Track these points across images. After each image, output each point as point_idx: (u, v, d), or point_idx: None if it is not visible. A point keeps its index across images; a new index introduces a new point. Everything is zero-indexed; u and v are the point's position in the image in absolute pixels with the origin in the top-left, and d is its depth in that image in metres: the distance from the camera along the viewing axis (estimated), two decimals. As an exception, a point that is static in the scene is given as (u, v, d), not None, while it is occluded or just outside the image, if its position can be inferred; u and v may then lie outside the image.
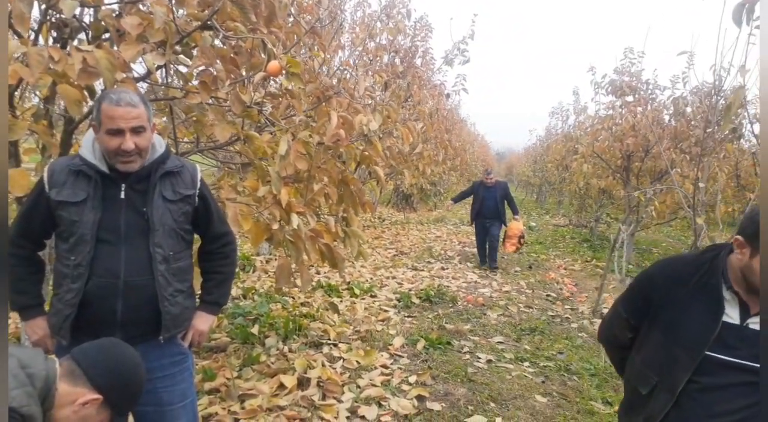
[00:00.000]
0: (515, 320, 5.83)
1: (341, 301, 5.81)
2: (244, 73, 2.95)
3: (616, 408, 3.79)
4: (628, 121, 9.48)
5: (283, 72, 2.62)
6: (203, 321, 2.08)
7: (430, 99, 10.19)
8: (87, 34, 3.13)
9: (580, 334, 5.54)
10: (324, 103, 3.75)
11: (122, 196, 1.83)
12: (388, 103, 8.06)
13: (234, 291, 5.85)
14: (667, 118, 9.78)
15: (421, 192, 15.32)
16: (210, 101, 3.12)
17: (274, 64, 2.54)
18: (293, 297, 5.77)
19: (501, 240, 8.80)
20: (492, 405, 3.68)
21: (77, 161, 1.82)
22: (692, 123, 9.31)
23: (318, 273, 7.15)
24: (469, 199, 9.25)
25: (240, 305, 5.17)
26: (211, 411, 3.17)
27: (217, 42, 3.10)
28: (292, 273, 3.37)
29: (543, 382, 4.19)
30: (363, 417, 3.31)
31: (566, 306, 6.77)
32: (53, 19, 3.13)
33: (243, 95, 2.68)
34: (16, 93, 3.14)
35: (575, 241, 13.33)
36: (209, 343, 4.27)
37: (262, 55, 2.82)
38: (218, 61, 2.98)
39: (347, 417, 3.29)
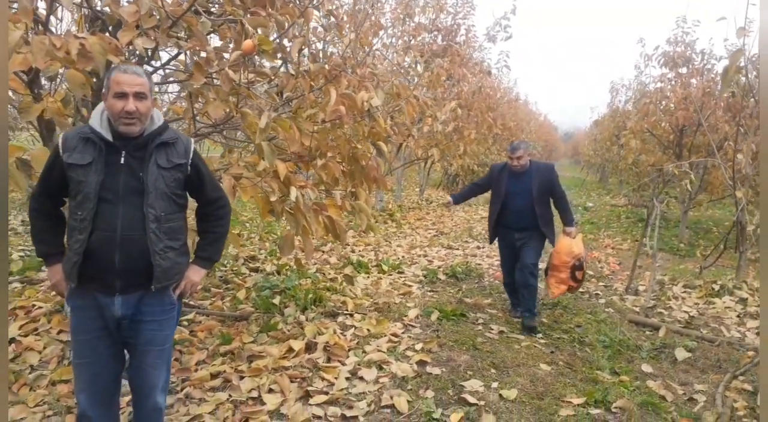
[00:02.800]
0: (540, 295, 5.82)
1: (368, 277, 6.01)
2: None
3: (623, 377, 3.81)
4: (678, 93, 9.10)
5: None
6: (196, 273, 2.36)
7: (471, 77, 10.14)
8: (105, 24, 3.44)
9: (606, 310, 5.49)
10: (331, 82, 3.90)
11: (122, 161, 2.10)
12: (425, 82, 8.11)
13: (269, 267, 6.16)
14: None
15: (471, 173, 15.24)
16: (216, 82, 3.36)
17: (247, 43, 2.72)
18: (323, 274, 6.02)
19: (544, 271, 5.09)
20: (492, 371, 3.77)
21: (86, 129, 2.11)
22: (752, 93, 8.82)
23: (353, 251, 7.37)
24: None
25: (270, 279, 5.47)
26: (220, 369, 3.44)
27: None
28: (295, 244, 3.57)
29: (552, 352, 4.23)
30: (362, 377, 3.49)
31: (601, 284, 6.67)
32: (86, 12, 3.47)
33: (233, 73, 2.88)
34: (48, 82, 3.49)
35: (630, 221, 12.94)
36: (234, 313, 4.57)
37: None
38: (228, 41, 3.21)
39: (347, 378, 3.48)
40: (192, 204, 2.45)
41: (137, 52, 3.05)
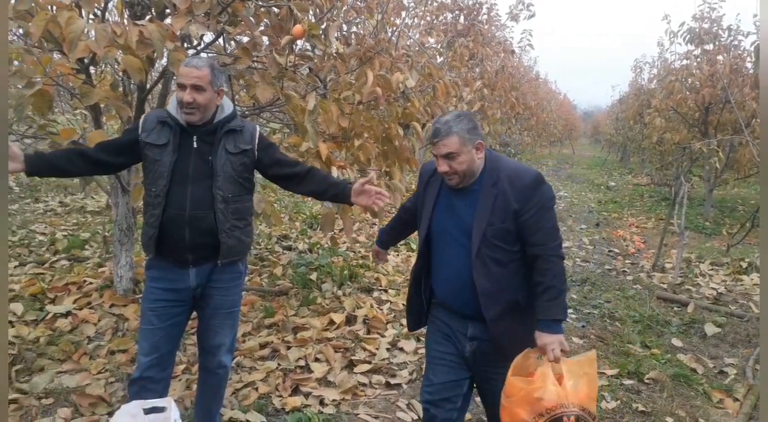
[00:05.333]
0: (568, 272, 5.92)
1: (398, 255, 6.14)
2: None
3: (654, 350, 3.91)
4: (705, 71, 9.02)
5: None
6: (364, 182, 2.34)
7: (494, 56, 10.11)
8: (151, 10, 3.57)
9: (634, 286, 5.57)
10: (365, 64, 4.00)
11: (195, 145, 2.25)
12: (449, 62, 8.15)
13: (300, 246, 6.33)
14: (749, 65, 9.20)
15: (492, 153, 15.24)
16: (258, 66, 3.48)
17: (298, 28, 2.83)
18: (354, 252, 6.16)
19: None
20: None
21: (164, 114, 2.26)
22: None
23: (380, 230, 7.49)
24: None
25: (304, 257, 5.63)
26: (267, 340, 3.62)
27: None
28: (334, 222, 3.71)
29: (583, 327, 4.34)
30: (402, 348, 3.65)
31: (627, 261, 6.74)
32: (125, -1, 3.59)
33: (280, 58, 2.99)
34: (93, 67, 3.64)
35: (653, 200, 12.90)
36: (273, 288, 4.74)
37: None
38: (261, 27, 3.32)
39: (387, 349, 3.64)
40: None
41: (189, 37, 3.16)
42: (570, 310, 4.69)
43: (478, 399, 2.67)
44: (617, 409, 3.15)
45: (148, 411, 2.03)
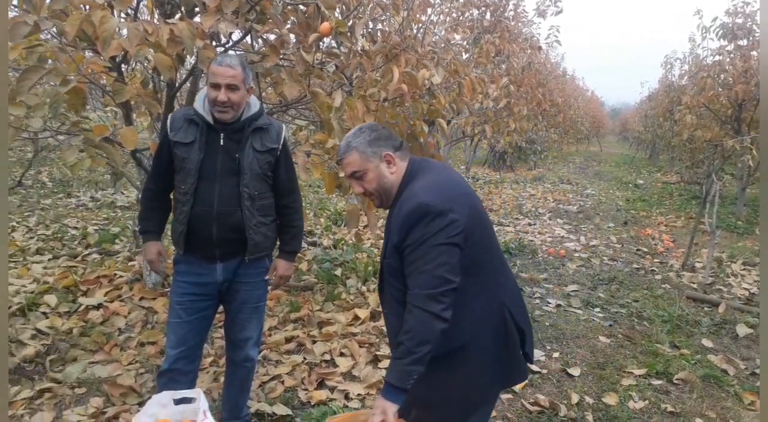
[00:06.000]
0: (595, 271, 5.85)
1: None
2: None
3: (683, 351, 3.85)
4: (738, 67, 8.80)
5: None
6: (287, 269, 2.53)
7: (520, 52, 10.02)
8: (180, 9, 3.62)
9: (663, 286, 5.48)
10: (391, 61, 4.00)
11: (221, 143, 2.27)
12: (475, 59, 8.11)
13: (325, 242, 6.37)
14: (785, 60, 8.95)
15: (518, 150, 15.12)
16: (285, 63, 3.51)
17: (325, 25, 2.84)
18: (378, 248, 6.18)
19: None
20: (553, 343, 3.86)
21: (191, 112, 2.29)
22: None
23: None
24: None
25: (329, 253, 5.67)
26: (293, 334, 3.66)
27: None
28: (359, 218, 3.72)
29: (610, 326, 4.28)
30: (426, 346, 3.65)
31: (656, 260, 6.63)
32: (156, -2, 3.65)
33: (307, 55, 3.02)
34: (125, 65, 3.71)
35: (683, 198, 12.65)
36: (299, 283, 4.78)
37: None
38: (288, 25, 3.35)
39: (411, 346, 3.64)
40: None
41: (218, 35, 3.20)
42: (597, 309, 4.64)
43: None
44: (645, 409, 3.11)
45: (178, 401, 2.06)
